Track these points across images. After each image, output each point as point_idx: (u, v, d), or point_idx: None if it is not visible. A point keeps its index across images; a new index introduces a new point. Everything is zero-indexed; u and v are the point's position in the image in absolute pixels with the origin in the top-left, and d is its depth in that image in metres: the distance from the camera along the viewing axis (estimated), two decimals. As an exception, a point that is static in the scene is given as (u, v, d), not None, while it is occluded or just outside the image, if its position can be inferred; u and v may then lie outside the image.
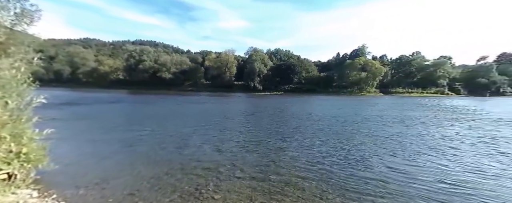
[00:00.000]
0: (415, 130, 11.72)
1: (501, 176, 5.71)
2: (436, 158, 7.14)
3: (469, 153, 7.75)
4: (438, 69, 67.06)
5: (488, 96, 59.76)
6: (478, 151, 8.02)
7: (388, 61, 74.43)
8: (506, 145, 8.85)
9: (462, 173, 5.89)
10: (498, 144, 9.01)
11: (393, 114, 18.77)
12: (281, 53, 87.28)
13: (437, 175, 5.73)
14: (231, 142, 8.70)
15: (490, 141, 9.54)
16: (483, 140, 9.62)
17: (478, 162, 6.84)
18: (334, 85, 68.33)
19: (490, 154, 7.61)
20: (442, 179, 5.45)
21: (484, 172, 5.97)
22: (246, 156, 7.10)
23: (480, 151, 7.97)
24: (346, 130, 11.61)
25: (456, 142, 9.21)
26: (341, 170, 6.08)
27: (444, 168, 6.24)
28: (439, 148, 8.30)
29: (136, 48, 73.55)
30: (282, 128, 11.76)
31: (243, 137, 9.71)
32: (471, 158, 7.15)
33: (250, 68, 69.08)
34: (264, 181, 5.25)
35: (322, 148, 8.12)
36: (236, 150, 7.68)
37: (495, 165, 6.59)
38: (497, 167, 6.37)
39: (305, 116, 16.66)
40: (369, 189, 4.93)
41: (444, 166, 6.36)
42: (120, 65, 75.34)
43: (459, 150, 8.12)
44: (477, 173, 5.91)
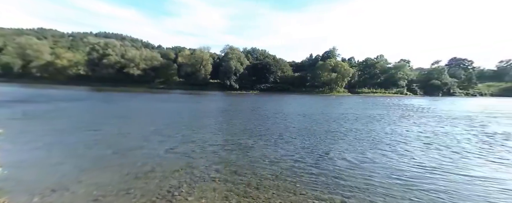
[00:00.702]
0: (377, 126, 12.67)
1: (444, 169, 6.46)
2: (392, 152, 7.80)
3: (414, 145, 8.59)
4: (399, 72, 73.94)
5: (440, 96, 67.70)
6: (422, 143, 8.91)
7: (355, 63, 79.77)
8: (446, 138, 10.00)
9: (410, 166, 6.51)
10: (439, 137, 10.13)
11: (358, 112, 20.09)
12: (257, 52, 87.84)
13: (393, 168, 6.27)
14: (205, 142, 8.48)
15: (432, 135, 10.64)
16: (426, 134, 10.68)
17: (422, 154, 7.59)
18: (308, 85, 71.12)
19: (433, 148, 8.51)
20: (395, 172, 5.99)
21: (428, 164, 6.68)
22: (222, 155, 6.98)
23: (423, 144, 8.85)
24: (317, 128, 12.04)
25: (406, 136, 10.15)
26: (313, 165, 6.29)
27: (396, 160, 6.86)
28: (393, 142, 9.12)
29: (99, 41, 67.40)
30: (257, 127, 11.79)
31: (218, 136, 9.54)
32: (417, 151, 7.95)
33: (226, 67, 68.32)
34: (240, 180, 5.20)
35: (295, 145, 8.32)
36: (210, 150, 7.51)
37: (438, 157, 7.40)
38: (439, 159, 7.17)
39: (280, 115, 16.94)
40: (336, 182, 5.20)
41: (397, 159, 6.99)
42: (81, 60, 68.62)
43: (407, 143, 8.96)
44: (421, 165, 6.56)
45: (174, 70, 70.86)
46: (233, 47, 76.45)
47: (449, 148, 8.58)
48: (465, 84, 75.94)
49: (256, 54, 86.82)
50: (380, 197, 4.60)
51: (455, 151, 8.19)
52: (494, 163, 6.91)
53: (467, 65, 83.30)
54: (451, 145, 9.05)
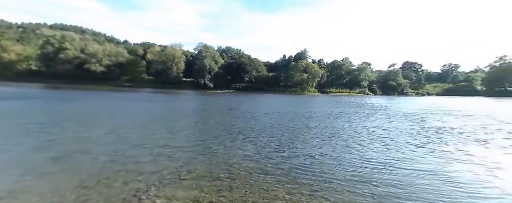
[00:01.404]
0: (342, 124, 13.28)
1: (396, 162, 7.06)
2: (352, 146, 8.26)
3: (372, 140, 9.16)
4: (361, 73, 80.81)
5: (396, 95, 75.80)
6: (383, 138, 9.49)
7: (324, 65, 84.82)
8: (398, 133, 10.84)
9: (368, 160, 7.01)
10: (394, 132, 10.94)
11: (327, 110, 21.12)
12: (232, 51, 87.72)
13: (353, 161, 6.71)
14: (176, 143, 8.16)
15: (383, 131, 11.46)
16: (385, 130, 11.45)
17: (384, 149, 8.14)
18: (281, 85, 73.50)
19: (389, 142, 9.17)
20: (356, 164, 6.42)
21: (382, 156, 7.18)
22: (194, 156, 6.76)
23: (383, 139, 9.43)
24: (288, 126, 12.35)
25: (366, 132, 10.76)
26: (283, 162, 6.49)
27: (358, 154, 7.33)
28: (354, 137, 9.61)
29: (55, 33, 60.43)
30: (231, 126, 11.72)
31: (191, 137, 9.27)
32: (377, 146, 8.51)
33: (200, 65, 67.03)
34: (213, 180, 5.11)
35: (267, 144, 8.45)
36: (182, 151, 7.21)
37: (394, 151, 7.99)
38: (394, 153, 7.78)
39: (255, 114, 17.10)
40: (305, 177, 5.44)
41: (359, 153, 7.47)
42: (33, 54, 60.87)
43: (367, 138, 9.52)
44: (381, 158, 7.09)
45: (142, 68, 67.03)
46: (207, 46, 75.27)
47: (400, 142, 9.32)
48: (416, 85, 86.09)
49: (231, 53, 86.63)
50: (343, 189, 4.88)
51: (405, 144, 8.91)
52: (436, 155, 7.68)
53: (417, 68, 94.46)
54: (402, 139, 9.82)
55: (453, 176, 5.88)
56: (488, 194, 4.91)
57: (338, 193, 4.71)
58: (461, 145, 9.22)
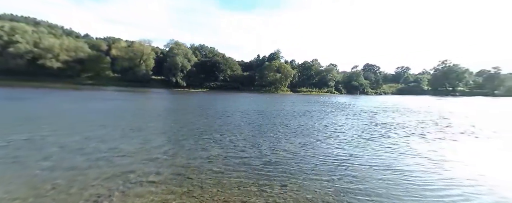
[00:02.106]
0: (311, 121, 13.85)
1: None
2: (319, 141, 8.72)
3: (330, 135, 9.67)
4: (329, 74, 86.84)
5: (358, 94, 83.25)
6: (346, 134, 10.03)
7: (296, 65, 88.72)
8: (357, 129, 11.57)
9: (330, 155, 7.46)
10: (351, 128, 11.56)
11: (299, 108, 21.70)
12: (206, 49, 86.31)
13: (318, 156, 7.13)
14: (144, 144, 7.76)
15: (344, 127, 12.06)
16: (343, 125, 12.11)
17: (337, 142, 8.69)
18: (256, 84, 74.86)
19: (351, 137, 9.79)
20: (321, 160, 6.83)
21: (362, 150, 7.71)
22: (163, 157, 6.51)
23: (338, 134, 9.98)
24: (260, 123, 12.52)
25: (332, 129, 11.32)
26: (255, 159, 6.61)
27: (326, 149, 7.78)
28: (321, 133, 10.14)
29: (3, 24, 52.35)
30: (203, 126, 11.48)
31: (160, 137, 8.89)
32: (335, 140, 9.04)
33: (172, 63, 64.80)
34: (182, 181, 4.99)
35: (238, 141, 8.50)
36: (149, 153, 6.90)
37: (356, 145, 8.61)
38: (355, 147, 8.38)
39: (227, 113, 17.00)
40: (276, 173, 5.63)
41: (326, 148, 7.92)
42: (-26, 46, 51.83)
43: (327, 134, 10.01)
44: (342, 153, 7.59)
45: (106, 64, 62.08)
46: (179, 43, 72.88)
47: (357, 137, 10.02)
48: (375, 85, 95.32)
49: (204, 51, 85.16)
50: (310, 185, 5.14)
51: (360, 139, 9.58)
52: (388, 149, 8.42)
53: (376, 70, 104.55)
54: (359, 135, 10.54)
55: (403, 168, 6.50)
56: (435, 184, 5.44)
57: (305, 188, 4.93)
58: (408, 138, 10.18)
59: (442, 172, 6.25)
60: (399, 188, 5.10)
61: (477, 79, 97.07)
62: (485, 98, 67.83)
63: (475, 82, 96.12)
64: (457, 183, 5.56)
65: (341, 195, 4.70)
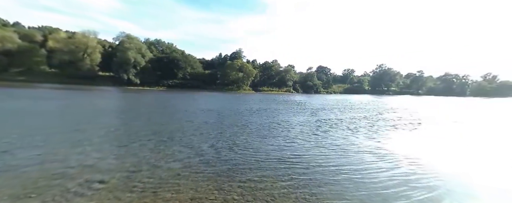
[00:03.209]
0: (269, 119, 14.20)
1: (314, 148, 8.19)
2: (278, 140, 9.10)
3: (281, 131, 10.25)
4: (287, 74, 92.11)
5: (313, 93, 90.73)
6: (291, 128, 10.72)
7: (257, 65, 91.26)
8: (312, 126, 12.44)
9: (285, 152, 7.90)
10: (313, 125, 12.44)
11: (260, 106, 21.93)
12: (163, 45, 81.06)
13: (281, 155, 7.47)
14: (86, 148, 7.12)
15: (296, 123, 13.03)
16: (295, 121, 13.07)
17: (294, 137, 9.28)
18: (218, 83, 74.18)
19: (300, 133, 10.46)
20: (282, 159, 7.22)
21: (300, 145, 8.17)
22: (110, 163, 6.00)
23: (291, 128, 10.69)
24: (219, 123, 12.43)
25: (289, 126, 11.91)
26: (213, 159, 6.58)
27: (284, 147, 8.18)
28: (281, 131, 10.56)
29: None
30: (158, 126, 10.86)
31: (105, 139, 8.20)
32: (290, 133, 9.62)
33: (123, 58, 59.01)
34: (133, 186, 4.71)
35: (197, 142, 8.30)
36: (94, 158, 6.34)
37: (311, 138, 9.24)
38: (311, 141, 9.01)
39: (187, 112, 16.38)
40: (236, 172, 5.67)
41: (283, 146, 8.31)
42: None
43: (285, 128, 10.57)
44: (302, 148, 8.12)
45: (41, 58, 52.66)
46: (131, 36, 66.60)
47: (313, 133, 10.72)
48: (326, 85, 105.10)
49: (161, 47, 79.91)
50: (269, 183, 5.36)
51: (311, 134, 10.32)
52: (336, 144, 9.24)
53: (327, 71, 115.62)
54: (315, 130, 11.28)
55: (352, 157, 7.29)
56: (378, 178, 5.86)
57: (264, 185, 5.07)
58: (356, 129, 11.32)
59: (383, 165, 6.90)
60: (348, 175, 5.71)
61: (406, 81, 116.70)
62: (411, 96, 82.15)
63: (404, 83, 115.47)
64: (395, 162, 6.60)
65: (298, 189, 4.96)
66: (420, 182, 5.69)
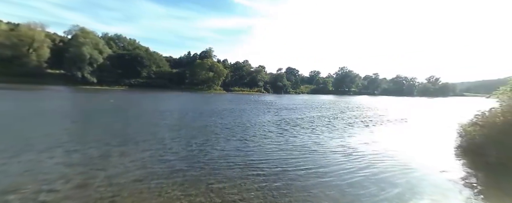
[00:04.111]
0: (239, 118, 14.19)
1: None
2: (252, 140, 9.12)
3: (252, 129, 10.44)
4: (258, 75, 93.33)
5: (283, 94, 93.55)
6: (257, 127, 10.93)
7: (228, 65, 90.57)
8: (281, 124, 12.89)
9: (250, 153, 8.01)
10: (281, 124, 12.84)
11: (230, 107, 21.67)
12: (124, 41, 75.00)
13: (249, 156, 7.53)
14: (38, 154, 6.42)
15: (259, 122, 13.41)
16: (267, 120, 13.41)
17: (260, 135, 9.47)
18: (187, 83, 71.38)
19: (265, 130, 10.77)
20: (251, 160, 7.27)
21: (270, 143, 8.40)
22: (63, 171, 5.55)
23: (259, 127, 10.92)
24: (187, 124, 11.92)
25: (252, 125, 11.99)
26: (179, 162, 6.36)
27: (253, 148, 8.27)
28: (249, 130, 10.58)
29: None
30: (117, 130, 10.17)
31: (56, 144, 7.36)
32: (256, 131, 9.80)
33: (76, 53, 53.13)
34: (90, 194, 4.45)
35: (161, 145, 7.95)
36: (47, 164, 5.84)
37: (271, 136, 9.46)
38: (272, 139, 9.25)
39: (150, 114, 15.51)
40: (202, 174, 5.58)
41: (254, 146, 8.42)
42: None
43: (247, 127, 10.71)
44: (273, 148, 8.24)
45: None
46: (86, 30, 60.12)
47: (283, 131, 11.02)
48: (295, 85, 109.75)
49: (122, 43, 73.83)
50: (237, 184, 5.35)
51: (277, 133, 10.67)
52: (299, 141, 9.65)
53: (295, 73, 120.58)
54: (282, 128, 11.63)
55: (323, 150, 7.63)
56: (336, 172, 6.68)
57: (231, 187, 5.05)
58: (316, 131, 11.92)
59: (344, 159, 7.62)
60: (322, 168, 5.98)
61: (364, 83, 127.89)
62: (369, 97, 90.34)
63: (362, 85, 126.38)
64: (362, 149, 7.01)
65: (265, 190, 5.01)
66: (383, 177, 6.18)
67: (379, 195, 5.03)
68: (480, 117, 8.80)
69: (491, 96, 9.15)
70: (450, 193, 5.32)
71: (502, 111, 8.01)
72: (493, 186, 5.83)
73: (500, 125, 7.61)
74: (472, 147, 8.48)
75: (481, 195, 5.23)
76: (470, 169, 7.11)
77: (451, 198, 5.07)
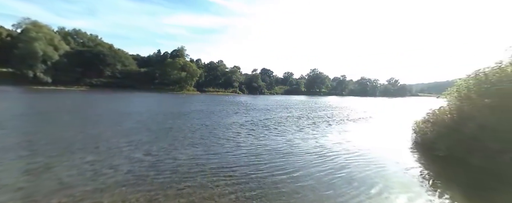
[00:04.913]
0: (215, 119, 13.85)
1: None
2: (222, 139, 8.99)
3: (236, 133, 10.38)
4: (233, 75, 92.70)
5: (258, 94, 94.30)
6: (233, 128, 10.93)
7: (202, 65, 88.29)
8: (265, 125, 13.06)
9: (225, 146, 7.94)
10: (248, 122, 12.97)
11: (202, 108, 21.03)
12: (84, 36, 68.44)
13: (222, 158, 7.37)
14: None
15: (245, 122, 13.49)
16: (243, 121, 13.39)
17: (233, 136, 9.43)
18: (157, 83, 67.57)
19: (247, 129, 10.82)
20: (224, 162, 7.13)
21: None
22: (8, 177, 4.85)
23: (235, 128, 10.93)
24: (155, 127, 11.28)
25: (234, 127, 11.92)
26: (145, 168, 5.93)
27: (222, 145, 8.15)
28: (223, 130, 10.45)
29: None
30: (74, 134, 9.22)
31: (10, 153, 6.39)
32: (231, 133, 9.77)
33: (27, 50, 47.21)
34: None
35: (120, 151, 7.34)
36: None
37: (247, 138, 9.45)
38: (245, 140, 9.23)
39: (109, 116, 14.41)
40: (170, 182, 5.24)
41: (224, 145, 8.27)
42: None
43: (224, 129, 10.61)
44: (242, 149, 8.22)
45: None
46: (39, 23, 53.60)
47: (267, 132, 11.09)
48: (269, 86, 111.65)
49: (82, 38, 67.24)
50: (208, 188, 5.23)
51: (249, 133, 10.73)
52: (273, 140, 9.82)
53: (270, 74, 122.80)
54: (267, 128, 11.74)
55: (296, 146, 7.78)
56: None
57: (202, 191, 4.95)
58: (290, 128, 12.25)
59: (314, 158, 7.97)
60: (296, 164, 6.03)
61: (332, 84, 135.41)
62: (337, 97, 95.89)
63: (331, 86, 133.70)
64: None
65: (238, 191, 4.98)
66: (352, 175, 6.53)
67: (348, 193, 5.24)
68: (431, 115, 9.85)
69: (441, 97, 10.32)
70: (409, 185, 5.80)
71: (449, 110, 9.06)
72: (444, 177, 6.54)
73: (447, 122, 8.60)
74: (426, 142, 9.43)
75: (434, 186, 5.80)
76: (425, 162, 7.89)
77: (410, 189, 5.51)
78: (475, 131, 7.08)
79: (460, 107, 8.53)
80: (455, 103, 9.01)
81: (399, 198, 5.06)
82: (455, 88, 9.14)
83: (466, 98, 8.26)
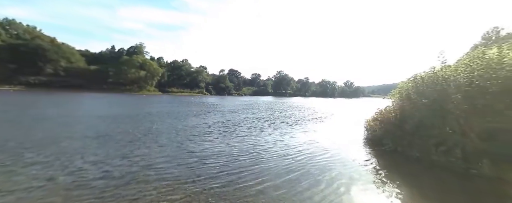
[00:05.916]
0: (176, 122, 13.04)
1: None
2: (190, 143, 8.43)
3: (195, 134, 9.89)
4: (199, 75, 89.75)
5: (226, 95, 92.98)
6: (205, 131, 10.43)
7: (164, 63, 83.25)
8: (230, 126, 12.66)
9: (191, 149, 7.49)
10: (220, 125, 12.51)
11: (166, 110, 19.97)
12: (19, 27, 58.32)
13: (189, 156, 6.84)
14: None
15: (214, 123, 12.93)
16: (212, 123, 12.84)
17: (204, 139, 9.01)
18: (110, 82, 61.09)
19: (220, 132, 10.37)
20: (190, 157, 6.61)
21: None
22: None
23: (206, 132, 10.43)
24: (110, 133, 10.18)
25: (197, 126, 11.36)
26: (96, 178, 5.21)
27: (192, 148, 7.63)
28: (188, 135, 9.88)
29: None
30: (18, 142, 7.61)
31: None
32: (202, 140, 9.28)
33: None
34: None
35: (75, 160, 6.41)
36: None
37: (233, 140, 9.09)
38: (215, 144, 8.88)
39: (58, 121, 12.55)
40: (129, 189, 4.71)
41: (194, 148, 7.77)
42: None
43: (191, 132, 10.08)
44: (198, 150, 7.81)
45: None
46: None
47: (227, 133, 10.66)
48: (237, 87, 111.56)
49: (16, 30, 57.08)
50: (172, 191, 4.77)
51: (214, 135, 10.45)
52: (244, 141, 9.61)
53: (238, 75, 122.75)
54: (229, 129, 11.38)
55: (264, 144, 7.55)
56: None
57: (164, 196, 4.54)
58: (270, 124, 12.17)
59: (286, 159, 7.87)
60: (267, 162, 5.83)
61: (297, 85, 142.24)
62: (301, 98, 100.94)
63: (296, 87, 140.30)
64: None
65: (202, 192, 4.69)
66: (316, 171, 6.70)
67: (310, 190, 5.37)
68: (379, 114, 10.91)
69: (386, 97, 11.52)
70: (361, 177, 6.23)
71: (394, 109, 10.15)
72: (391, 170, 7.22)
73: (392, 120, 9.59)
74: (375, 138, 10.38)
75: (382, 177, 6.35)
76: (374, 157, 8.62)
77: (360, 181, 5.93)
78: (414, 128, 8.03)
79: (402, 107, 9.60)
80: (398, 103, 10.12)
81: (352, 190, 5.43)
82: (398, 90, 10.29)
83: (406, 99, 9.34)
